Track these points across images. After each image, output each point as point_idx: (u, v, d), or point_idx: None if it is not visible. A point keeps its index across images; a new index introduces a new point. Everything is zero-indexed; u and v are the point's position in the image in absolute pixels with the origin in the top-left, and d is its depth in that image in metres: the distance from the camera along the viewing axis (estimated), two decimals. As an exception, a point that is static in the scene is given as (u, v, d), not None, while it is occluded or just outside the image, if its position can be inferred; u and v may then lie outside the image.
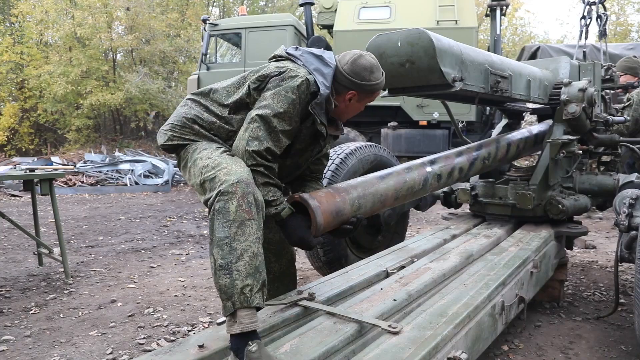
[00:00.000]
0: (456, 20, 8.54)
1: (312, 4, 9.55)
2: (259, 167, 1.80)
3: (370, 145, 3.51)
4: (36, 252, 4.33)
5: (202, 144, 1.91)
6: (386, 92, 2.57)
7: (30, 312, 3.14)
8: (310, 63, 1.94)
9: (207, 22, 9.72)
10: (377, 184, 2.30)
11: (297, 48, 2.01)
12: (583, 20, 4.88)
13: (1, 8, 18.74)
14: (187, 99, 2.04)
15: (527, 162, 7.86)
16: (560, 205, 3.09)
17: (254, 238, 1.62)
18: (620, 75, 5.38)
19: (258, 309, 1.60)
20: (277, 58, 2.04)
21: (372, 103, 2.18)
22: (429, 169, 2.66)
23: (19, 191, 10.02)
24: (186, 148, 1.95)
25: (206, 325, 2.89)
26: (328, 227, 2.03)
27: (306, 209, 1.94)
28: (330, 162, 3.23)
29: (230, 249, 1.58)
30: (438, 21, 8.56)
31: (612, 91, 3.86)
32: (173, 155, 2.06)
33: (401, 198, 2.45)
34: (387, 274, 2.36)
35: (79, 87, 16.26)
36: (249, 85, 1.93)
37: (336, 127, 2.15)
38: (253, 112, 1.85)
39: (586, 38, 4.90)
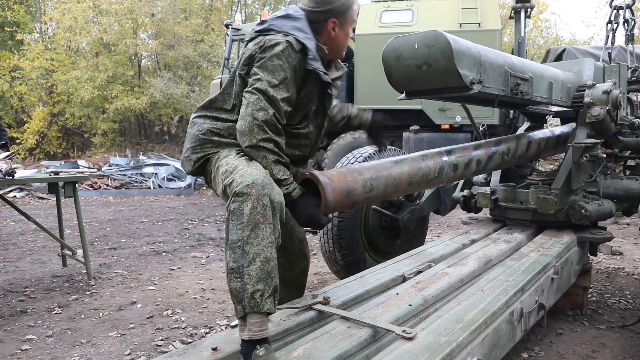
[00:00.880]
0: (479, 23, 8.45)
1: (334, 7, 9.55)
2: (270, 143, 1.77)
3: (390, 149, 3.49)
4: (60, 254, 4.42)
5: (223, 152, 1.89)
6: (404, 95, 2.55)
7: (53, 313, 3.21)
8: (283, 25, 1.92)
9: (230, 27, 9.83)
10: (391, 167, 2.26)
11: (263, 22, 1.99)
12: (610, 25, 4.76)
13: (34, 15, 19.29)
14: (193, 119, 2.03)
15: (550, 166, 7.70)
16: (583, 210, 3.01)
17: (267, 242, 1.61)
18: None
19: (269, 314, 1.59)
20: (250, 40, 2.01)
21: (393, 106, 2.17)
22: (445, 158, 2.62)
23: (46, 194, 10.27)
24: (210, 160, 1.94)
25: (223, 327, 2.91)
26: (338, 206, 2.00)
27: (316, 187, 1.92)
28: (348, 165, 3.22)
29: (242, 252, 1.57)
30: (461, 24, 8.49)
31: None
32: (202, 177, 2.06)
33: (415, 184, 2.41)
34: (404, 279, 2.34)
35: (105, 92, 16.62)
36: (239, 74, 1.93)
37: (336, 68, 2.15)
38: (248, 87, 1.84)
39: (612, 43, 4.78)
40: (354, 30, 2.06)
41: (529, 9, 8.75)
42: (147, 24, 16.72)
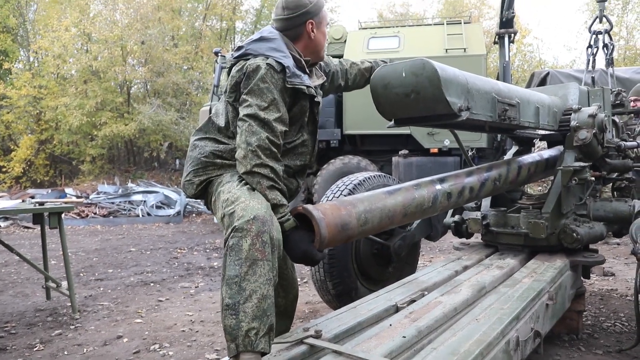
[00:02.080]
0: (465, 49, 8.59)
1: (321, 34, 9.67)
2: (264, 169, 1.76)
3: (379, 176, 3.48)
4: (44, 286, 4.31)
5: (226, 177, 1.89)
6: (392, 122, 2.55)
7: (35, 349, 3.10)
8: (259, 48, 1.94)
9: (219, 54, 9.89)
10: (385, 199, 2.24)
11: (239, 47, 2.02)
12: (590, 49, 4.88)
13: (21, 44, 19.31)
14: (194, 141, 2.03)
15: (539, 188, 7.74)
16: (574, 234, 3.00)
17: (264, 279, 1.58)
18: (633, 100, 5.33)
19: (263, 354, 1.54)
20: (232, 66, 2.04)
21: (382, 132, 2.19)
22: (438, 186, 2.60)
23: (32, 223, 10.09)
24: (212, 183, 1.93)
25: (212, 362, 2.83)
26: (333, 241, 1.96)
27: (310, 222, 1.87)
28: (338, 192, 3.20)
29: (239, 288, 1.54)
30: (447, 49, 8.62)
31: (626, 116, 3.81)
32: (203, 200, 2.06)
33: (410, 215, 2.39)
34: (397, 309, 2.29)
35: (94, 119, 16.56)
36: (227, 102, 1.95)
37: (317, 76, 2.16)
38: (240, 115, 1.85)
39: (593, 67, 4.90)
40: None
41: (512, 34, 8.95)
42: (137, 51, 16.80)
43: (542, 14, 37.35)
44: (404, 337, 1.88)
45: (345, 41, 9.53)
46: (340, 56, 9.57)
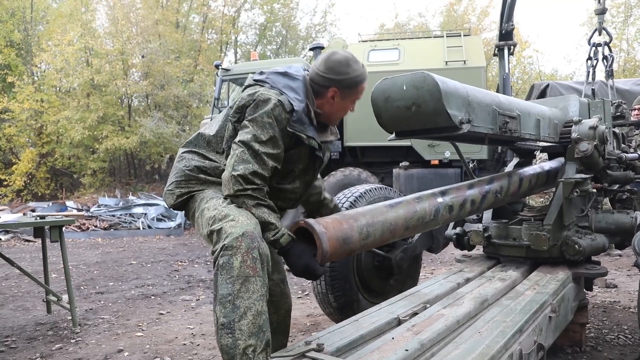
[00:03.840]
0: (464, 61, 8.64)
1: (322, 47, 9.75)
2: (246, 191, 1.75)
3: (380, 188, 3.48)
4: (45, 300, 4.29)
5: (209, 193, 1.87)
6: (393, 135, 2.56)
7: (36, 363, 3.08)
8: (278, 82, 1.92)
9: (220, 67, 9.95)
10: (386, 212, 2.24)
11: (261, 72, 2.00)
12: (589, 62, 4.90)
13: (24, 58, 19.45)
14: (182, 153, 2.02)
15: (541, 199, 7.73)
16: (576, 246, 2.99)
17: (258, 295, 1.57)
18: (637, 109, 5.35)
19: None
20: (247, 87, 2.02)
21: (383, 144, 2.17)
22: (440, 199, 2.60)
23: (32, 236, 10.08)
24: (194, 197, 1.91)
25: (214, 376, 2.81)
26: (335, 255, 1.95)
27: (311, 236, 1.87)
28: (340, 205, 3.20)
29: (233, 306, 1.53)
30: (447, 62, 8.67)
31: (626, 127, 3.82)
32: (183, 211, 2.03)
33: (411, 228, 2.38)
34: (399, 322, 2.28)
35: (95, 132, 16.62)
36: (230, 121, 1.93)
37: (330, 132, 2.13)
38: (236, 139, 1.84)
39: (593, 79, 4.91)
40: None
41: (512, 47, 9.01)
42: (138, 65, 16.91)
43: (542, 26, 37.61)
44: (407, 350, 1.86)
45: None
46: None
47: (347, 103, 2.04)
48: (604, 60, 4.85)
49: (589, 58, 4.93)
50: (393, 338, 2.03)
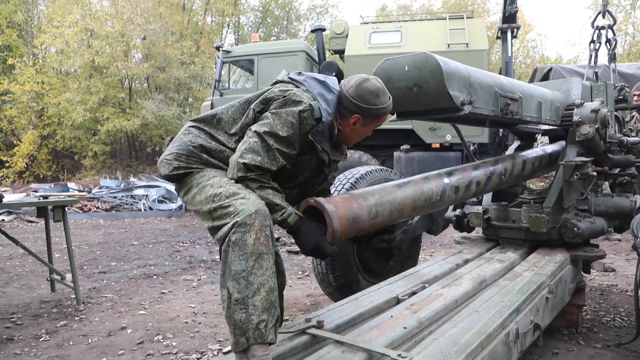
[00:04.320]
0: (467, 44, 8.58)
1: (324, 29, 9.68)
2: (249, 177, 1.75)
3: (381, 169, 3.49)
4: (49, 279, 4.34)
5: (211, 172, 1.85)
6: (394, 116, 2.56)
7: (41, 340, 3.13)
8: (314, 88, 1.91)
9: (221, 49, 9.89)
10: (394, 192, 2.25)
11: (300, 73, 1.98)
12: (592, 45, 4.87)
13: (25, 39, 19.33)
14: (189, 127, 1.97)
15: (541, 183, 7.74)
16: (575, 229, 3.02)
17: (270, 272, 1.59)
18: (637, 95, 5.32)
19: (270, 344, 1.57)
20: (280, 82, 2.00)
21: (383, 126, 2.15)
22: (446, 180, 2.61)
23: (35, 217, 10.13)
24: (192, 174, 1.88)
25: (215, 353, 2.86)
26: (345, 234, 1.96)
27: (321, 215, 1.88)
28: (340, 186, 3.21)
29: (247, 282, 1.55)
30: (449, 44, 8.61)
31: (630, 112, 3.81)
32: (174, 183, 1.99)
33: (419, 208, 2.39)
34: (398, 301, 2.31)
35: (96, 114, 16.60)
36: (253, 109, 1.89)
37: (340, 152, 2.12)
38: (253, 127, 1.82)
39: (595, 62, 4.88)
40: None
41: (515, 29, 8.93)
42: (138, 47, 16.81)
43: (546, 9, 37.19)
44: (405, 328, 1.90)
45: (346, 36, 9.51)
46: (342, 51, 9.56)
47: (367, 130, 2.04)
48: (607, 44, 4.82)
49: (592, 41, 4.89)
50: (392, 316, 2.06)
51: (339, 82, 2.03)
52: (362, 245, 2.18)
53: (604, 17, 4.79)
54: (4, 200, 3.54)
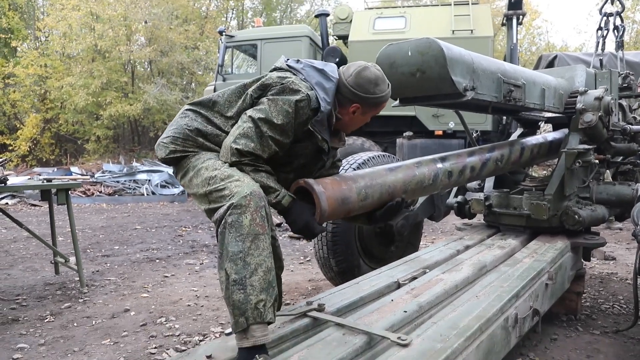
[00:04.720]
0: (472, 30, 8.51)
1: (328, 14, 9.62)
2: (242, 162, 1.76)
3: (384, 155, 3.50)
4: (53, 261, 4.38)
5: (206, 154, 1.86)
6: (397, 101, 2.56)
7: (45, 321, 3.18)
8: (312, 77, 1.89)
9: (224, 34, 9.83)
10: (385, 175, 2.26)
11: (298, 61, 1.96)
12: (600, 32, 4.81)
13: (28, 22, 19.26)
14: (186, 110, 1.96)
15: (544, 171, 7.75)
16: (576, 216, 3.02)
17: (267, 252, 1.61)
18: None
19: (269, 323, 1.59)
20: (278, 69, 1.98)
21: (386, 113, 2.15)
22: (439, 165, 2.62)
23: (39, 201, 10.19)
24: (188, 157, 1.88)
25: (217, 335, 2.89)
26: (333, 215, 1.99)
27: (311, 196, 1.90)
28: (342, 172, 3.22)
29: (244, 263, 1.56)
30: (453, 31, 8.55)
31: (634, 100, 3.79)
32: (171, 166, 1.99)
33: (410, 192, 2.40)
34: (399, 285, 2.34)
35: (99, 99, 16.58)
36: (250, 95, 1.89)
37: (339, 139, 2.11)
38: (248, 112, 1.81)
39: (602, 50, 4.83)
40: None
41: (521, 16, 8.85)
42: (141, 31, 16.73)
43: (552, -4, 36.72)
44: (405, 311, 1.92)
45: (351, 21, 9.44)
46: (345, 37, 9.51)
47: (366, 117, 2.03)
48: (615, 31, 4.77)
49: (600, 28, 4.84)
50: (392, 300, 2.09)
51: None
52: (372, 221, 2.19)
53: (612, 3, 4.74)
54: (9, 183, 3.56)
